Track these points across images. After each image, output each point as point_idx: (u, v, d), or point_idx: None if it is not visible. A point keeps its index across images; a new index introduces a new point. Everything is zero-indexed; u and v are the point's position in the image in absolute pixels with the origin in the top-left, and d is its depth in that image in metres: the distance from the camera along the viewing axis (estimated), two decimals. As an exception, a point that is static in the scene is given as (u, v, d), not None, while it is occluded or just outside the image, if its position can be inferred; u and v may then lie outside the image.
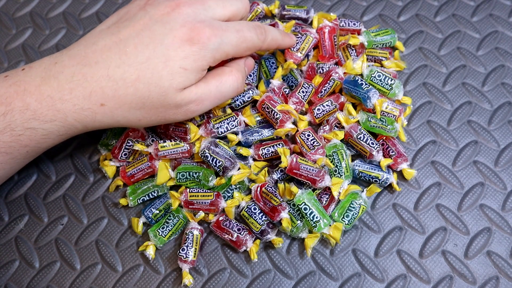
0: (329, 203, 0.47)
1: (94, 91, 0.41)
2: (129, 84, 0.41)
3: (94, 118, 0.42)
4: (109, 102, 0.41)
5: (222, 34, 0.42)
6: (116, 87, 0.41)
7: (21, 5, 0.62)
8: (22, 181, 0.51)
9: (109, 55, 0.41)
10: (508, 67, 0.54)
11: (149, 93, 0.41)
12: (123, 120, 0.43)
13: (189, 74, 0.42)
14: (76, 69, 0.41)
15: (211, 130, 0.48)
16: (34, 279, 0.47)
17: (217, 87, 0.44)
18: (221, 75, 0.45)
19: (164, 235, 0.46)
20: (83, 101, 0.41)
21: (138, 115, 0.43)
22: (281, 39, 0.49)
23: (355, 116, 0.49)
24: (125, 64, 0.41)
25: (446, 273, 0.46)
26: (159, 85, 0.41)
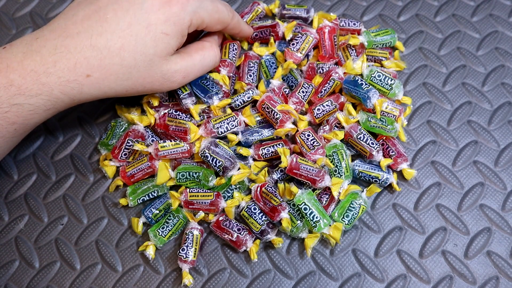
0: (329, 203, 0.47)
1: (78, 62, 0.40)
2: (114, 54, 0.41)
3: (81, 90, 0.41)
4: (95, 72, 0.41)
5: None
6: (101, 57, 0.41)
7: (21, 5, 0.62)
8: (22, 181, 0.51)
9: (90, 24, 0.41)
10: (508, 67, 0.54)
11: (135, 62, 0.41)
12: (110, 91, 0.43)
13: (170, 40, 0.42)
14: (58, 41, 0.41)
15: (211, 130, 0.48)
16: (34, 279, 0.47)
17: (200, 61, 0.46)
18: (203, 49, 0.47)
19: (164, 235, 0.46)
20: (68, 73, 0.41)
21: (125, 85, 0.42)
22: (243, 22, 0.51)
23: (355, 116, 0.49)
24: (107, 32, 0.40)
25: (446, 273, 0.46)
26: (144, 53, 0.41)
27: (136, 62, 0.41)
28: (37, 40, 0.42)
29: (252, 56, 0.53)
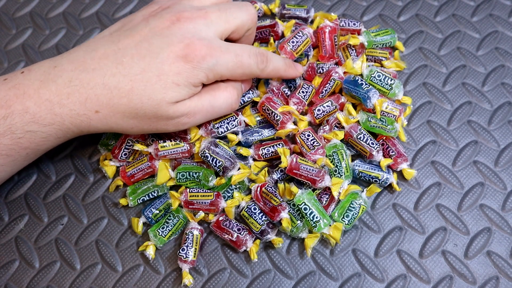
0: (329, 203, 0.47)
1: (89, 98, 0.42)
2: (123, 94, 0.41)
3: (89, 123, 0.43)
4: (104, 109, 0.42)
5: (219, 56, 0.42)
6: (111, 96, 0.41)
7: (21, 5, 0.62)
8: (22, 181, 0.51)
9: (106, 63, 0.42)
10: (508, 67, 0.54)
11: (141, 104, 0.42)
12: (117, 127, 0.44)
13: (181, 90, 0.42)
14: (74, 74, 0.42)
15: (211, 130, 0.48)
16: (34, 279, 0.47)
17: (210, 102, 0.44)
18: (216, 90, 0.45)
19: (164, 235, 0.46)
20: (79, 107, 0.42)
21: (131, 123, 0.43)
22: (283, 70, 0.48)
23: (355, 116, 0.49)
24: (121, 74, 0.41)
25: (446, 273, 0.46)
26: (151, 98, 0.41)
27: (142, 105, 0.42)
28: (55, 68, 0.43)
29: (252, 56, 0.53)
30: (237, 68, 0.44)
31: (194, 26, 0.43)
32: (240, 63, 0.44)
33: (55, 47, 0.58)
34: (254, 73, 0.46)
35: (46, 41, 0.59)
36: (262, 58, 0.45)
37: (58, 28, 0.60)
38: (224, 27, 0.44)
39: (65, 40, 0.59)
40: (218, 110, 0.45)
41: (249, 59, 0.44)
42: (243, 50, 0.44)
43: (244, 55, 0.44)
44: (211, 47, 0.42)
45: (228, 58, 0.43)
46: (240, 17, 0.45)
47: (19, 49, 0.59)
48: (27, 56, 0.58)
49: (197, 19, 0.43)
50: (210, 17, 0.44)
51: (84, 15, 0.60)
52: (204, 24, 0.43)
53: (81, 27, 0.60)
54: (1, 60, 0.58)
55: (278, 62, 0.47)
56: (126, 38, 0.43)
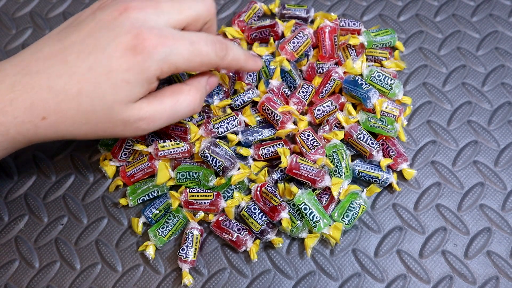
0: (329, 203, 0.47)
1: (34, 103, 0.38)
2: (71, 97, 0.38)
3: (36, 131, 0.39)
4: (51, 115, 0.38)
5: (172, 44, 0.38)
6: (58, 100, 0.38)
7: (21, 5, 0.62)
8: (22, 181, 0.51)
9: (51, 64, 0.38)
10: (508, 67, 0.54)
11: (92, 107, 0.38)
12: (68, 134, 0.40)
13: (132, 88, 0.38)
14: (17, 78, 0.38)
15: (211, 130, 0.48)
16: (34, 279, 0.47)
17: (172, 107, 0.41)
18: (178, 93, 0.41)
19: (164, 235, 0.46)
20: (24, 114, 0.38)
21: (84, 129, 0.40)
22: (243, 59, 0.44)
23: (355, 116, 0.49)
24: (67, 74, 0.38)
25: (446, 273, 0.46)
26: (102, 100, 0.38)
27: (94, 108, 0.38)
28: None
29: (252, 56, 0.53)
30: (194, 57, 0.40)
31: (143, 15, 0.39)
32: (197, 51, 0.40)
33: (55, 47, 0.58)
34: (213, 62, 0.41)
35: (46, 41, 0.59)
36: (221, 45, 0.42)
37: (58, 28, 0.60)
38: (177, 18, 0.40)
39: (65, 40, 0.59)
40: (181, 114, 0.42)
41: (206, 47, 0.40)
42: (199, 37, 0.40)
43: (201, 42, 0.40)
44: (163, 36, 0.38)
45: (183, 46, 0.39)
46: (195, 8, 0.41)
47: (19, 49, 0.59)
48: (27, 56, 0.58)
49: (146, 8, 0.39)
50: (161, 7, 0.40)
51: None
52: (154, 13, 0.39)
53: (81, 27, 0.60)
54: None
55: (238, 51, 0.44)
56: (72, 35, 0.39)
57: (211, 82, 0.45)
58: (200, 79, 0.44)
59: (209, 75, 0.45)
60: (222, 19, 0.59)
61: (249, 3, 0.57)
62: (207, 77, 0.44)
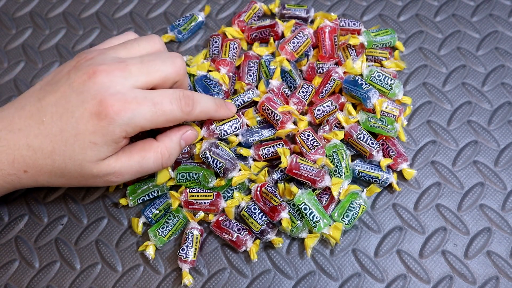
0: (329, 203, 0.47)
1: (16, 159, 0.42)
2: (46, 155, 0.41)
3: (20, 182, 0.43)
4: (31, 169, 0.42)
5: (135, 108, 0.40)
6: (35, 157, 0.42)
7: (21, 5, 0.62)
8: (22, 181, 0.51)
9: (30, 123, 0.42)
10: (508, 67, 0.54)
11: (65, 165, 0.42)
12: (48, 184, 0.44)
13: (100, 148, 0.41)
14: (2, 134, 0.42)
15: (213, 131, 0.48)
16: (34, 279, 0.47)
17: (139, 163, 0.43)
18: (147, 150, 0.43)
19: (164, 235, 0.46)
20: (8, 167, 0.42)
21: (61, 181, 0.43)
22: (214, 110, 0.46)
23: (355, 116, 0.49)
24: (42, 135, 0.41)
25: (446, 273, 0.46)
26: (73, 158, 0.41)
27: (66, 165, 0.42)
28: None
29: (252, 56, 0.53)
30: (158, 117, 0.41)
31: (110, 79, 0.41)
32: (160, 111, 0.41)
33: (55, 47, 0.58)
34: (179, 118, 0.43)
35: (46, 41, 0.59)
36: (187, 101, 0.43)
37: (58, 28, 0.60)
38: (144, 80, 0.42)
39: (65, 40, 0.59)
40: (148, 170, 0.44)
41: (170, 105, 0.42)
42: (163, 96, 0.42)
43: (164, 102, 0.42)
44: (125, 101, 0.40)
45: (145, 109, 0.41)
46: (163, 70, 0.43)
47: (19, 49, 0.59)
48: (27, 56, 0.58)
49: (114, 71, 0.41)
50: (129, 69, 0.42)
51: (84, 15, 0.60)
52: (121, 76, 0.41)
53: (81, 27, 0.60)
54: (1, 60, 0.58)
55: (206, 103, 0.45)
56: (49, 95, 0.42)
57: (187, 137, 0.46)
58: (173, 135, 0.45)
59: (185, 131, 0.45)
60: (222, 19, 0.59)
61: (249, 3, 0.57)
62: (181, 133, 0.45)
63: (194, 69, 0.53)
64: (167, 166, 0.45)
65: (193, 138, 0.46)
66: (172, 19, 0.59)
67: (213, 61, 0.54)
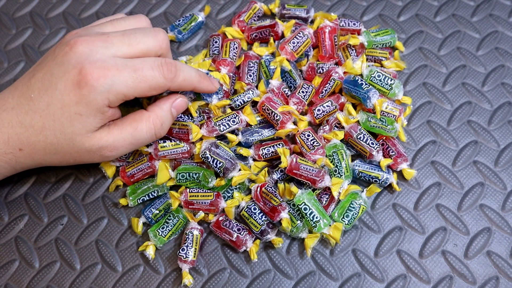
0: (329, 203, 0.47)
1: (11, 137, 0.42)
2: (38, 131, 0.42)
3: (17, 160, 0.43)
4: (26, 147, 0.42)
5: (115, 75, 0.40)
6: (28, 134, 0.42)
7: (21, 5, 0.62)
8: (22, 181, 0.51)
9: (21, 101, 0.42)
10: (508, 67, 0.54)
11: (57, 140, 0.42)
12: (44, 162, 0.44)
13: (86, 119, 0.41)
14: None
15: (212, 128, 0.48)
16: (34, 279, 0.47)
17: (132, 134, 0.43)
18: (138, 121, 0.43)
19: (164, 235, 0.46)
20: (4, 146, 0.42)
21: (56, 158, 0.43)
22: (197, 80, 0.45)
23: (355, 116, 0.49)
24: (32, 111, 0.42)
25: (446, 273, 0.46)
26: (63, 132, 0.41)
27: (58, 140, 0.42)
28: None
29: (252, 56, 0.53)
30: (139, 83, 0.41)
31: (90, 49, 0.41)
32: (142, 77, 0.41)
33: (55, 47, 0.58)
34: (161, 85, 0.42)
35: (46, 41, 0.59)
36: (169, 67, 0.42)
37: (58, 28, 0.60)
38: (126, 50, 0.42)
39: (65, 40, 0.59)
40: (142, 140, 0.44)
41: (152, 71, 0.42)
42: (144, 63, 0.42)
43: (145, 68, 0.41)
44: (105, 67, 0.40)
45: (126, 75, 0.40)
46: (145, 42, 0.43)
47: (19, 49, 0.59)
48: (27, 56, 0.58)
49: (95, 41, 0.41)
50: (110, 40, 0.42)
51: (84, 15, 0.60)
52: (102, 46, 0.41)
53: (81, 27, 0.60)
54: (1, 60, 0.58)
55: (189, 72, 0.44)
56: (37, 72, 0.42)
57: (177, 105, 0.46)
58: (163, 104, 0.45)
59: (175, 98, 0.45)
60: (222, 19, 0.59)
61: (249, 3, 0.57)
62: (171, 101, 0.45)
63: (195, 66, 0.53)
64: (160, 135, 0.45)
65: (184, 105, 0.46)
66: (172, 19, 0.59)
67: (213, 61, 0.54)
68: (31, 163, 0.44)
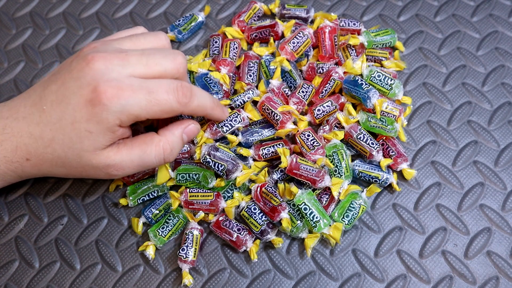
0: (329, 203, 0.47)
1: (19, 147, 0.42)
2: (47, 144, 0.42)
3: (23, 170, 0.43)
4: (33, 158, 0.42)
5: (129, 96, 0.39)
6: (36, 145, 0.42)
7: (21, 5, 0.62)
8: (22, 181, 0.51)
9: (33, 111, 0.42)
10: (508, 67, 0.54)
11: (64, 154, 0.42)
12: (50, 174, 0.44)
13: (95, 137, 0.40)
14: (8, 121, 0.42)
15: (215, 130, 0.48)
16: (34, 279, 0.47)
17: (140, 157, 0.42)
18: (148, 144, 0.43)
19: (164, 235, 0.46)
20: (11, 154, 0.42)
21: (62, 171, 0.43)
22: (210, 108, 0.45)
23: (355, 116, 0.49)
24: (43, 123, 0.41)
25: (446, 273, 0.46)
26: (71, 148, 0.41)
27: (65, 154, 0.42)
28: None
29: (252, 56, 0.53)
30: (153, 106, 0.40)
31: (106, 66, 0.40)
32: (155, 100, 0.40)
33: (55, 47, 0.58)
34: (175, 110, 0.42)
35: (46, 41, 0.59)
36: (184, 92, 0.42)
37: (58, 28, 0.60)
38: (142, 71, 0.41)
39: (65, 40, 0.59)
40: (150, 164, 0.43)
41: (166, 95, 0.41)
42: (159, 85, 0.41)
43: (160, 91, 0.41)
44: (119, 88, 0.39)
45: (140, 97, 0.40)
46: (163, 64, 0.42)
47: (19, 49, 0.59)
48: (27, 56, 0.58)
49: (113, 59, 0.41)
50: (128, 59, 0.41)
51: (84, 15, 0.60)
52: (119, 64, 0.41)
53: (81, 27, 0.60)
54: (1, 60, 0.58)
55: (204, 99, 0.44)
56: (52, 83, 0.42)
57: (189, 131, 0.45)
58: (175, 129, 0.44)
59: (187, 124, 0.45)
60: (222, 19, 0.59)
61: (249, 3, 0.57)
62: (183, 127, 0.45)
63: (195, 66, 0.53)
64: (169, 161, 0.44)
65: (196, 132, 0.46)
66: (172, 19, 0.59)
67: (213, 61, 0.54)
68: (36, 173, 0.44)
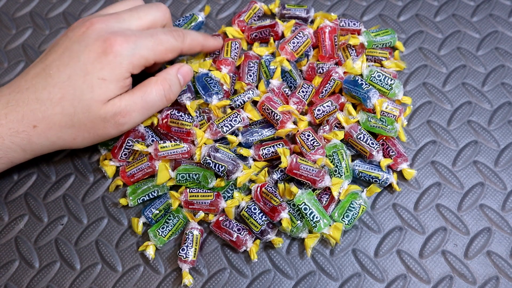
0: (329, 203, 0.47)
1: (25, 114, 0.44)
2: (55, 104, 0.43)
3: (30, 140, 0.44)
4: (41, 123, 0.44)
5: (136, 40, 0.45)
6: (44, 108, 0.44)
7: (21, 5, 0.62)
8: (22, 181, 0.51)
9: (37, 81, 0.44)
10: (508, 67, 0.54)
11: (74, 109, 0.43)
12: (58, 140, 0.45)
13: (108, 84, 0.44)
14: (11, 96, 0.44)
15: (215, 130, 0.48)
16: (34, 279, 0.47)
17: (142, 97, 0.45)
18: (146, 85, 0.46)
19: (164, 235, 0.46)
20: (17, 124, 0.44)
21: (71, 133, 0.45)
22: (203, 39, 0.51)
23: (355, 116, 0.49)
24: (50, 85, 0.44)
25: (446, 273, 0.46)
26: (81, 100, 0.43)
27: (75, 109, 0.43)
28: None
29: (252, 56, 0.53)
30: (157, 46, 0.46)
31: (106, 25, 0.45)
32: (158, 40, 0.46)
33: (55, 47, 0.58)
34: (176, 47, 0.47)
35: (46, 41, 0.59)
36: (178, 32, 0.48)
37: (58, 28, 0.60)
38: (137, 23, 0.47)
39: (65, 40, 0.59)
40: (153, 104, 0.46)
41: (165, 35, 0.47)
42: (156, 30, 0.47)
43: (159, 34, 0.47)
44: (126, 35, 0.44)
45: (145, 39, 0.45)
46: (153, 14, 0.48)
47: (19, 49, 0.59)
48: (27, 56, 0.58)
49: (109, 19, 0.46)
50: (122, 16, 0.47)
51: (84, 15, 0.60)
52: (116, 21, 0.46)
53: (81, 27, 0.60)
54: (1, 60, 0.58)
55: (195, 34, 0.50)
56: (51, 55, 0.45)
57: (183, 71, 0.48)
58: (169, 70, 0.48)
59: (181, 66, 0.48)
60: (222, 19, 0.59)
61: (249, 3, 0.57)
62: (177, 67, 0.48)
63: (196, 65, 0.53)
64: (170, 99, 0.47)
65: (190, 73, 0.49)
66: (172, 19, 0.59)
67: (213, 61, 0.54)
68: (44, 142, 0.45)
